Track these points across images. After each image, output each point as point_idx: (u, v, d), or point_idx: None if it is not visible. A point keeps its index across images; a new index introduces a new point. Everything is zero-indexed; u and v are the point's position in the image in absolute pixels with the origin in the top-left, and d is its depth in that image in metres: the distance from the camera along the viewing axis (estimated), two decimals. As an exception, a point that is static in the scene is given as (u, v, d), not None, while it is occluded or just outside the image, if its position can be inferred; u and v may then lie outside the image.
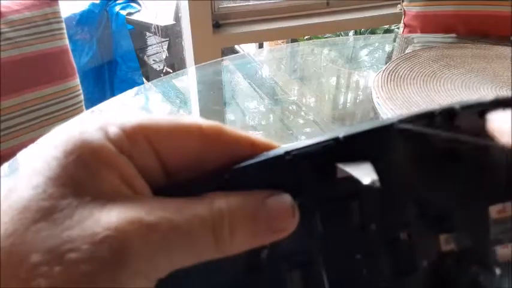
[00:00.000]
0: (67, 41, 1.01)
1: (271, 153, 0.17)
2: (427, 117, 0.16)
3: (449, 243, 0.17)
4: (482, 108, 0.15)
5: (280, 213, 0.16)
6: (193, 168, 0.17)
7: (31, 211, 0.14)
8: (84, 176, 0.14)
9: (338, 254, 0.17)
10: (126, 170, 0.15)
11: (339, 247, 0.17)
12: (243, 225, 0.16)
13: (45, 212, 0.14)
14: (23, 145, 0.77)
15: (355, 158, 0.16)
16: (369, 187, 0.14)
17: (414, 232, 0.17)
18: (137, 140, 0.16)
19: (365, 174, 0.14)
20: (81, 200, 0.14)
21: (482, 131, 0.15)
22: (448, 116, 0.15)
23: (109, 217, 0.14)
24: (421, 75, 0.74)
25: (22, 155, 0.72)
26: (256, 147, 0.17)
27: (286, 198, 0.16)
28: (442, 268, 0.17)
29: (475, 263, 0.17)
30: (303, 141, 0.16)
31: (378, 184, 0.14)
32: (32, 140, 0.75)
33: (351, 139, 0.16)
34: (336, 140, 0.16)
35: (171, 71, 2.17)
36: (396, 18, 1.53)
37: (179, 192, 0.16)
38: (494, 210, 0.16)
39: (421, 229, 0.17)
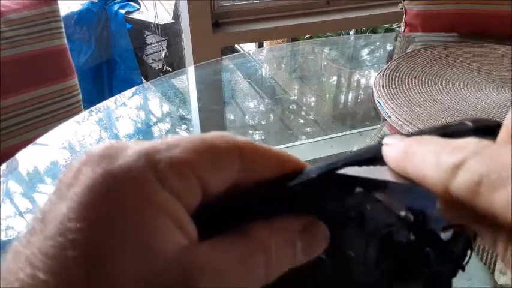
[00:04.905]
0: (65, 40, 1.01)
1: (305, 176, 0.17)
2: None
3: None
4: None
5: (317, 242, 0.17)
6: (226, 188, 0.17)
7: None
8: (140, 233, 0.14)
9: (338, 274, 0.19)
10: (180, 216, 0.15)
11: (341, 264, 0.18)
12: (284, 254, 0.17)
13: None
14: (22, 144, 0.76)
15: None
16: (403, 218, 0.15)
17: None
18: (188, 177, 0.15)
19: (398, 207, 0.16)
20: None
21: None
22: None
23: None
24: (423, 75, 0.74)
25: (21, 155, 0.72)
26: (286, 166, 0.18)
27: (323, 228, 0.17)
28: None
29: None
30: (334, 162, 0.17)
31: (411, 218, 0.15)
32: (31, 140, 0.74)
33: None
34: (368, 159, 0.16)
35: (171, 70, 2.17)
36: (397, 17, 1.52)
37: (216, 215, 0.16)
38: None
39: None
